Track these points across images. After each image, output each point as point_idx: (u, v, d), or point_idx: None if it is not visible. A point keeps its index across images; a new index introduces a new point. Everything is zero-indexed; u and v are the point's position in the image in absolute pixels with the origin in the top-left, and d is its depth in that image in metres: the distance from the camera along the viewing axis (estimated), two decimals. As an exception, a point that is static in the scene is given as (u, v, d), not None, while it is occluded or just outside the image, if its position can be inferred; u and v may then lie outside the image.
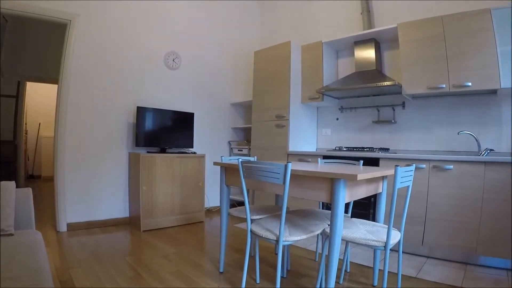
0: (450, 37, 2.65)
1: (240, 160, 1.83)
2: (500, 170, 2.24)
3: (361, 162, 2.36)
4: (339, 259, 1.75)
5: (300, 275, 2.21)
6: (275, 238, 1.66)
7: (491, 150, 2.67)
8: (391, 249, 1.69)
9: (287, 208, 1.72)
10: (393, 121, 3.32)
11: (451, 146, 2.95)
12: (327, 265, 1.60)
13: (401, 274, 1.83)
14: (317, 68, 3.60)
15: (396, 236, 1.70)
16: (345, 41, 3.52)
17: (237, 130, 4.76)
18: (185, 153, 3.64)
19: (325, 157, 3.13)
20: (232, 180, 2.16)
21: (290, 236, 1.65)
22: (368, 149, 3.22)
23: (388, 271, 1.92)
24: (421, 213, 2.57)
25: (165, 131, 3.70)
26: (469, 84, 2.55)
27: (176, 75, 4.00)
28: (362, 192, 1.81)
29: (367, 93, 3.38)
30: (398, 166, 1.60)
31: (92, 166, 3.31)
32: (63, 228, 3.11)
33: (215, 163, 2.24)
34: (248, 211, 1.86)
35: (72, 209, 3.17)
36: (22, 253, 1.40)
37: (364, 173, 1.57)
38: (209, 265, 2.36)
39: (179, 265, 2.34)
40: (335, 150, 3.41)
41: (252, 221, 1.98)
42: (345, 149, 3.38)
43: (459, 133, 2.83)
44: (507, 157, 2.22)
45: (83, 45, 3.22)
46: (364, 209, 2.89)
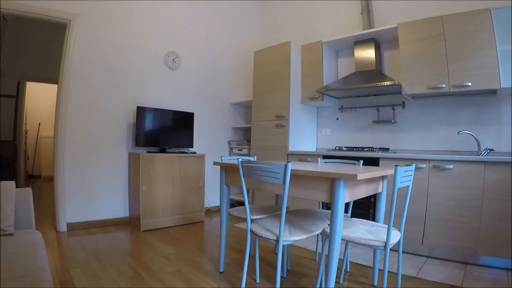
0: (450, 37, 2.65)
1: (240, 160, 1.83)
2: (500, 170, 2.24)
3: (361, 162, 2.36)
4: (339, 259, 1.75)
5: (300, 275, 2.21)
6: (275, 238, 1.66)
7: (491, 150, 2.67)
8: (391, 249, 1.69)
9: (287, 208, 1.72)
10: (393, 121, 3.32)
11: (451, 146, 2.95)
12: (327, 265, 1.60)
13: (401, 274, 1.83)
14: (317, 68, 3.60)
15: (396, 236, 1.70)
16: (345, 41, 3.52)
17: (237, 130, 4.76)
18: (185, 153, 3.64)
19: (325, 157, 3.13)
20: (232, 180, 2.16)
21: (290, 236, 1.65)
22: (368, 149, 3.22)
23: (388, 271, 1.93)
24: (421, 213, 2.57)
25: (165, 131, 3.70)
26: (469, 84, 2.55)
27: (176, 75, 4.00)
28: (362, 192, 1.81)
29: (367, 93, 3.38)
30: (398, 166, 1.60)
31: (92, 166, 3.31)
32: (63, 228, 3.11)
33: (215, 163, 2.24)
34: (248, 211, 1.85)
35: (72, 209, 3.17)
36: (22, 253, 1.39)
37: (364, 173, 1.57)
38: (209, 265, 2.36)
39: (179, 265, 2.34)
40: (335, 150, 3.40)
41: (252, 221, 1.98)
42: (345, 149, 3.38)
43: (459, 133, 2.83)
44: (507, 157, 2.22)
45: (83, 45, 3.22)
46: (364, 209, 2.89)
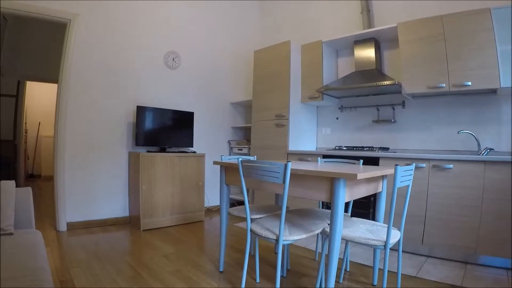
0: (450, 37, 2.65)
1: (240, 159, 1.83)
2: (500, 170, 2.24)
3: (361, 161, 2.36)
4: (339, 258, 1.75)
5: (300, 275, 2.21)
6: (275, 238, 1.66)
7: (491, 149, 2.67)
8: (391, 249, 1.69)
9: (287, 207, 1.72)
10: (393, 120, 3.32)
11: (451, 146, 2.95)
12: (327, 265, 1.61)
13: (401, 274, 1.83)
14: (317, 67, 3.60)
15: (396, 235, 1.70)
16: (345, 41, 3.52)
17: (237, 129, 4.76)
18: (185, 152, 3.64)
19: (325, 156, 3.13)
20: (232, 180, 2.16)
21: (290, 236, 1.65)
22: (368, 148, 3.22)
23: (388, 271, 1.93)
24: (421, 212, 2.57)
25: (165, 130, 3.70)
26: (469, 83, 2.55)
27: (176, 75, 4.00)
28: (362, 192, 1.81)
29: (367, 92, 3.38)
30: (398, 165, 1.60)
31: (92, 165, 3.31)
32: (63, 227, 3.11)
33: (215, 163, 2.24)
34: (248, 210, 1.85)
35: (72, 209, 3.18)
36: (22, 252, 1.39)
37: (364, 172, 1.57)
38: (209, 264, 2.37)
39: (179, 264, 2.34)
40: (335, 149, 3.40)
41: (252, 220, 1.98)
42: (345, 148, 3.38)
43: (459, 133, 2.83)
44: (507, 157, 2.22)
45: (83, 44, 3.22)
46: (364, 208, 2.89)
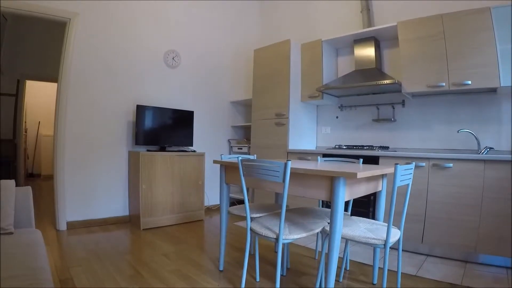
0: (450, 36, 2.65)
1: (240, 158, 1.83)
2: (500, 169, 2.25)
3: (361, 160, 2.36)
4: (339, 257, 1.75)
5: (300, 273, 2.21)
6: (274, 236, 1.67)
7: (490, 148, 2.67)
8: (391, 247, 1.69)
9: (287, 206, 1.72)
10: (392, 119, 3.32)
11: (450, 145, 2.95)
12: (327, 263, 1.61)
13: (401, 272, 1.83)
14: (317, 66, 3.60)
15: (395, 234, 1.70)
16: (344, 40, 3.51)
17: (236, 128, 4.76)
18: (185, 151, 3.64)
19: (324, 155, 3.13)
20: (232, 179, 2.16)
21: (290, 234, 1.65)
22: (368, 147, 3.22)
23: (388, 269, 1.93)
24: (421, 211, 2.57)
25: (164, 129, 3.70)
26: (469, 82, 2.55)
27: (176, 74, 3.99)
28: (362, 190, 1.81)
29: (367, 91, 3.38)
30: (398, 164, 1.60)
31: (91, 164, 3.31)
32: (62, 226, 3.11)
33: (215, 162, 2.24)
34: (248, 209, 1.86)
35: (72, 208, 3.17)
36: (22, 252, 1.39)
37: (364, 171, 1.57)
38: (209, 263, 2.37)
39: (179, 263, 2.34)
40: (335, 148, 3.40)
41: (252, 219, 1.98)
42: (344, 147, 3.38)
43: (458, 131, 2.83)
44: (507, 156, 2.23)
45: (83, 43, 3.22)
46: (364, 207, 2.89)
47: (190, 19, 4.12)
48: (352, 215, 2.22)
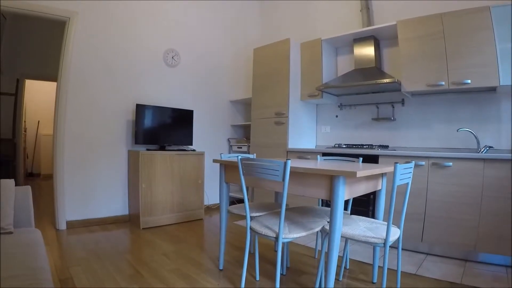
0: (450, 35, 2.65)
1: (240, 157, 1.83)
2: (499, 167, 2.25)
3: (361, 159, 2.36)
4: (339, 256, 1.75)
5: (299, 272, 2.22)
6: (274, 235, 1.67)
7: (490, 147, 2.67)
8: (390, 246, 1.69)
9: (286, 205, 1.72)
10: (392, 118, 3.32)
11: (450, 143, 2.96)
12: (327, 262, 1.61)
13: (400, 271, 1.84)
14: (316, 65, 3.60)
15: (395, 233, 1.70)
16: (344, 39, 3.51)
17: (236, 127, 4.76)
18: (185, 150, 3.64)
19: (324, 154, 3.13)
20: (232, 178, 2.16)
21: (290, 233, 1.66)
22: (367, 146, 3.22)
23: (388, 268, 1.93)
24: (420, 210, 2.58)
25: (164, 128, 3.70)
26: (469, 81, 2.55)
27: (175, 73, 3.99)
28: (361, 189, 1.81)
29: (367, 90, 3.38)
30: (397, 163, 1.60)
31: (91, 163, 3.30)
32: (62, 226, 3.11)
33: (214, 161, 2.24)
34: (248, 208, 1.86)
35: (72, 207, 3.17)
36: (22, 251, 1.39)
37: (364, 170, 1.57)
38: (208, 262, 2.37)
39: (179, 263, 2.34)
40: (334, 147, 3.41)
41: (252, 218, 1.98)
42: (344, 146, 3.38)
43: (458, 130, 2.83)
44: (506, 154, 2.23)
45: (82, 42, 3.21)
46: (364, 206, 2.90)
47: (189, 18, 4.11)
48: (351, 214, 2.22)
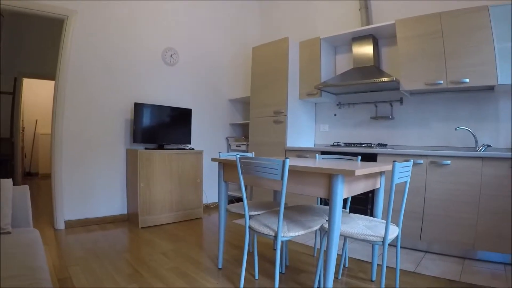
0: (448, 34, 2.65)
1: (238, 156, 1.82)
2: (498, 166, 2.26)
3: (359, 157, 2.36)
4: (338, 254, 1.76)
5: (298, 271, 2.22)
6: (273, 234, 1.67)
7: (488, 145, 2.68)
8: (389, 244, 1.69)
9: (285, 204, 1.72)
10: (390, 117, 3.32)
11: (448, 142, 2.96)
12: (326, 261, 1.61)
13: (399, 269, 1.84)
14: (315, 64, 3.59)
15: (394, 231, 1.70)
16: (343, 37, 3.51)
17: (235, 126, 4.76)
18: (183, 149, 3.64)
19: (323, 152, 3.13)
20: (230, 176, 2.16)
21: (289, 232, 1.66)
22: (366, 144, 3.22)
23: (387, 266, 1.93)
24: (419, 208, 2.58)
25: (163, 127, 3.69)
26: (467, 80, 2.55)
27: (174, 71, 3.98)
28: (360, 188, 1.81)
29: (365, 89, 3.38)
30: (396, 161, 1.60)
31: (89, 162, 3.29)
32: (60, 225, 3.10)
33: (213, 159, 2.24)
34: (246, 207, 1.86)
35: (70, 207, 3.16)
36: (20, 251, 1.39)
37: (362, 168, 1.57)
38: (207, 261, 2.37)
39: (178, 261, 2.34)
40: (333, 145, 3.41)
41: (251, 217, 1.98)
42: (343, 144, 3.38)
43: (456, 129, 2.84)
44: (504, 153, 2.23)
45: (80, 41, 3.19)
46: (362, 204, 2.90)
47: (188, 17, 4.10)
48: (350, 212, 2.22)
